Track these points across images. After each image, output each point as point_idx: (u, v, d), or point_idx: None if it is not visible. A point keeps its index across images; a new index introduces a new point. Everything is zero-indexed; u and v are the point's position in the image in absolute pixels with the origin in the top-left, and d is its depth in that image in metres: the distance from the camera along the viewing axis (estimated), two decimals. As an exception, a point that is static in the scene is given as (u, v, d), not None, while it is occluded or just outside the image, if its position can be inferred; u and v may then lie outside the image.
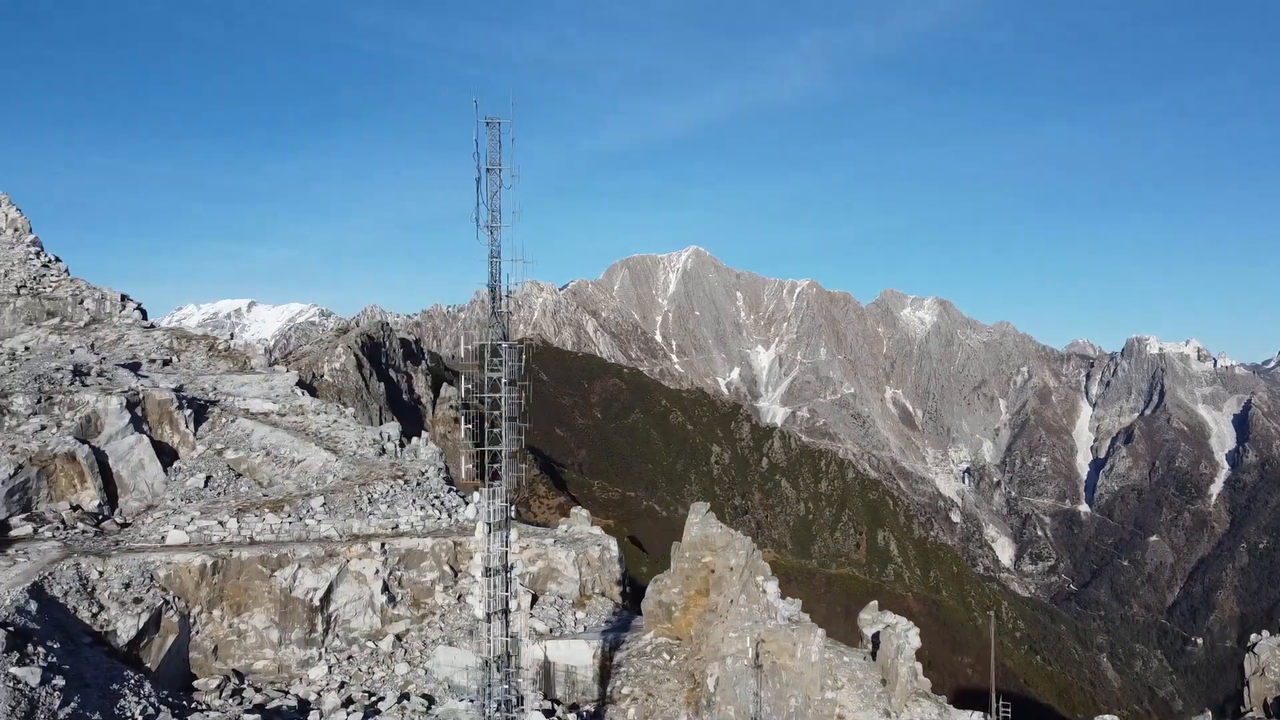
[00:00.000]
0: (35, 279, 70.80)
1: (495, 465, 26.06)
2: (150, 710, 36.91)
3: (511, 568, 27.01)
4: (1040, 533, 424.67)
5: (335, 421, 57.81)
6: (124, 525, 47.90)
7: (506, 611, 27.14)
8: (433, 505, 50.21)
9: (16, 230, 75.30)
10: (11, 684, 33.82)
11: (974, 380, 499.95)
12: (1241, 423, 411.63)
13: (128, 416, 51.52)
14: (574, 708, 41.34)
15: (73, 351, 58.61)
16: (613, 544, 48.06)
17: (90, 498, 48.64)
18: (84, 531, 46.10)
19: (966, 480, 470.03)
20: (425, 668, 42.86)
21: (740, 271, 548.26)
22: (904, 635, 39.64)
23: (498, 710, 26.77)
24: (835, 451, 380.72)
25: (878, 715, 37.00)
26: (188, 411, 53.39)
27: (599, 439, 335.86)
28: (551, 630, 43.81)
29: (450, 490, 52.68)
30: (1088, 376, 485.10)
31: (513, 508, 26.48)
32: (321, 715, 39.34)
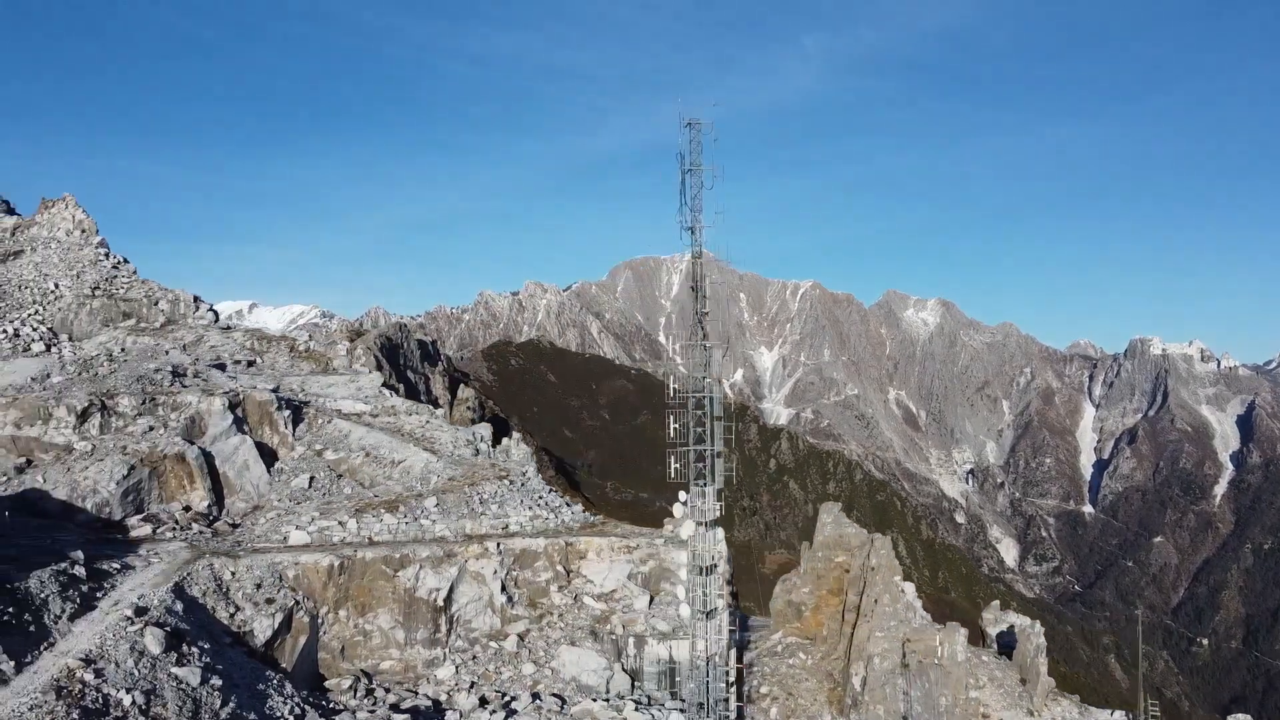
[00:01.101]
0: (107, 280, 70.80)
1: (700, 465, 26.34)
2: (298, 710, 37.11)
3: (714, 567, 27.29)
4: (1044, 534, 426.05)
5: (428, 423, 57.95)
6: (234, 526, 48.07)
7: (710, 611, 27.39)
8: (538, 505, 50.42)
9: (84, 231, 75.26)
10: (175, 684, 33.99)
11: (977, 381, 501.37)
12: (1245, 423, 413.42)
13: (230, 418, 51.65)
14: (702, 706, 41.51)
15: (167, 353, 58.64)
16: (722, 544, 48.19)
17: (200, 498, 48.79)
18: (200, 532, 46.25)
19: (970, 481, 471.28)
20: (551, 667, 43.06)
21: (744, 273, 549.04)
22: (1039, 634, 39.95)
23: (704, 708, 27.00)
24: (842, 452, 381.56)
25: (1021, 714, 37.27)
26: (286, 412, 53.52)
27: (608, 440, 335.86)
28: (676, 630, 43.98)
29: (550, 490, 52.90)
30: (1091, 377, 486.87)
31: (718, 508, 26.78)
32: (461, 716, 39.54)
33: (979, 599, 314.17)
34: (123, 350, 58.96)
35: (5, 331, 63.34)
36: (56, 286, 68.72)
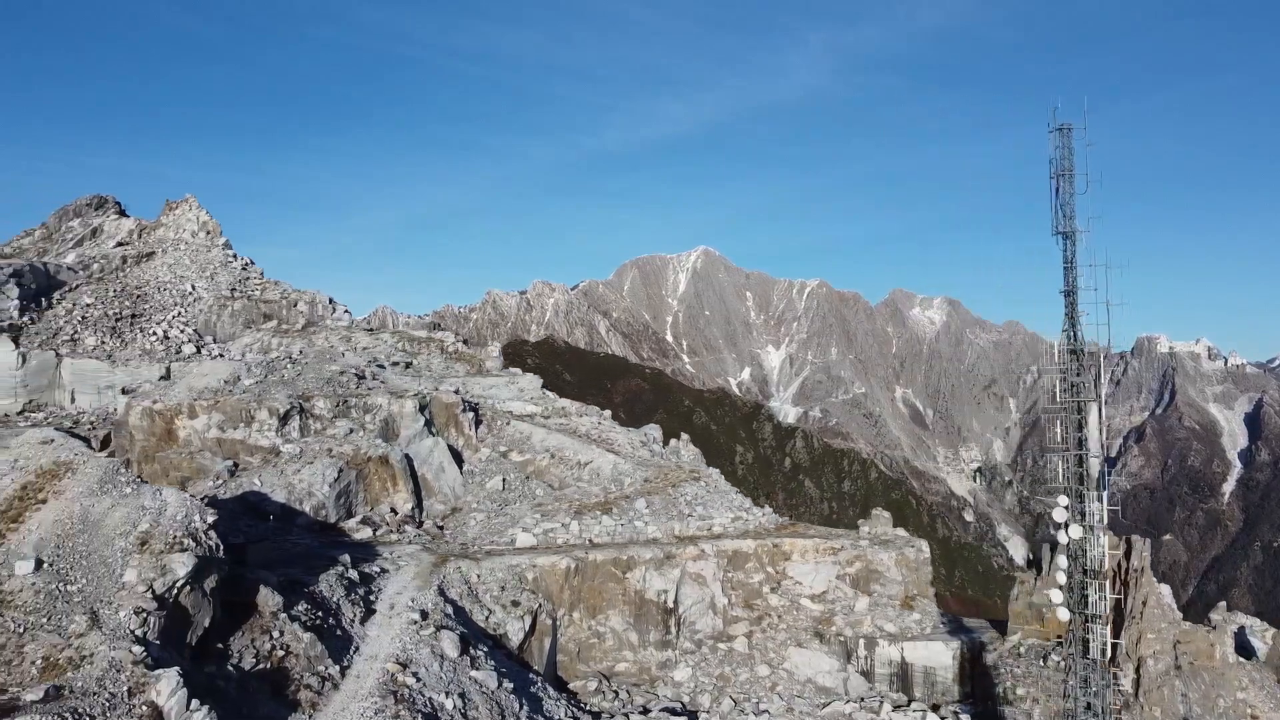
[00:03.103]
0: (240, 282, 70.64)
1: (1082, 469, 26.73)
2: (572, 713, 37.38)
3: (1100, 570, 27.62)
4: (1053, 531, 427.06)
5: (600, 424, 58.14)
6: (440, 528, 48.21)
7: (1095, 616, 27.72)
8: (733, 507, 50.74)
9: (209, 233, 75.03)
10: (476, 687, 34.25)
11: (984, 379, 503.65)
12: (1253, 421, 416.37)
13: (422, 420, 51.77)
14: (935, 708, 41.94)
15: (343, 355, 58.59)
16: (924, 545, 48.69)
17: (404, 500, 48.93)
18: (418, 534, 46.38)
19: (978, 479, 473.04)
20: (785, 669, 43.38)
21: (750, 271, 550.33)
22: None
23: (1095, 714, 27.36)
24: (857, 451, 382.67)
25: (1288, 714, 37.86)
26: (470, 414, 53.62)
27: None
28: (904, 632, 44.36)
29: (735, 491, 53.18)
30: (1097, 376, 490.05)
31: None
32: (720, 717, 39.81)
33: (996, 597, 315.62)
34: (301, 353, 58.87)
35: (155, 334, 63.21)
36: (193, 288, 68.56)
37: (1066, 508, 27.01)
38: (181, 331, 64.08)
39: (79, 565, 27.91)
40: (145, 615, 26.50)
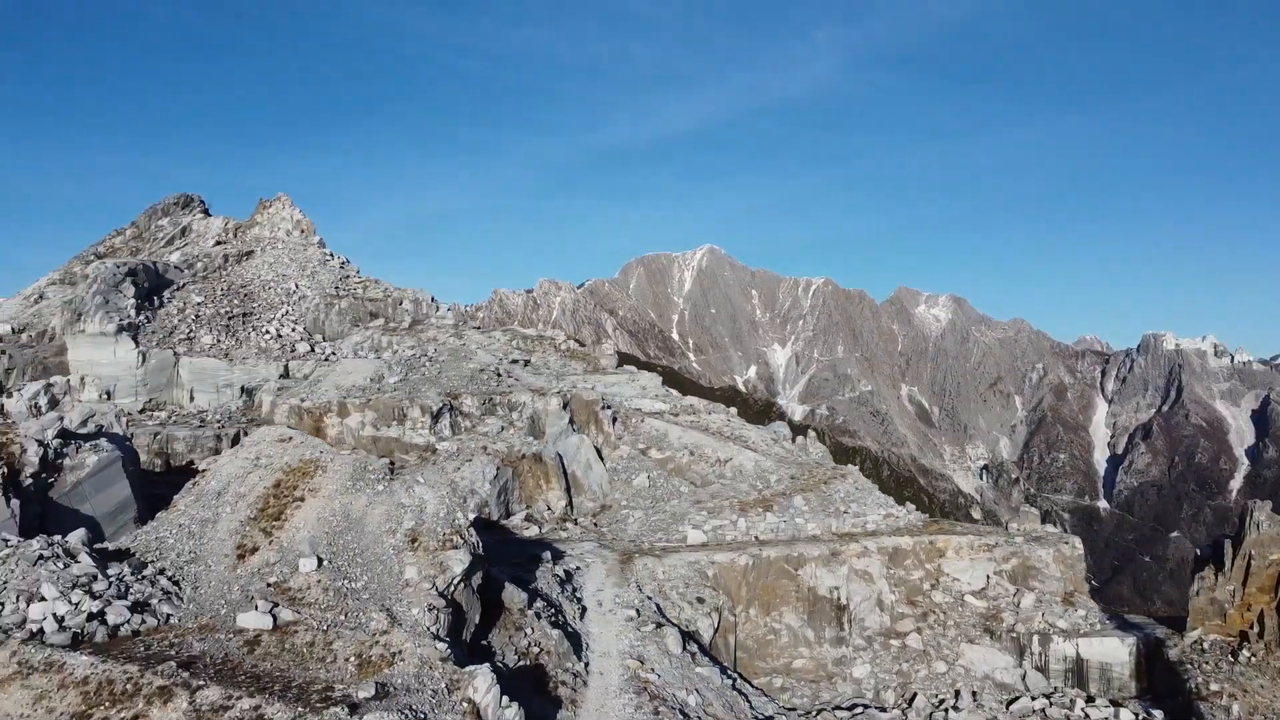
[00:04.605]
0: (341, 280, 70.45)
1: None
2: (775, 710, 37.42)
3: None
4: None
5: (729, 421, 58.15)
6: (595, 524, 48.20)
7: None
8: (883, 504, 50.87)
9: (303, 231, 74.79)
10: (705, 684, 34.26)
11: (989, 377, 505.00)
12: (1261, 418, 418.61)
13: (566, 417, 51.75)
14: (1115, 704, 42.09)
15: (475, 353, 58.46)
16: (1078, 542, 48.86)
17: (557, 498, 48.94)
18: (582, 532, 46.36)
19: (984, 477, 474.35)
20: (962, 666, 43.47)
21: (755, 269, 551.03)
22: None
23: None
24: (869, 449, 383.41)
25: None
26: (609, 411, 53.58)
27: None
28: (1075, 628, 44.50)
29: (876, 488, 53.29)
30: (1103, 373, 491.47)
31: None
32: (917, 715, 39.90)
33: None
34: (436, 351, 58.76)
35: (269, 332, 63.05)
36: (296, 287, 68.37)
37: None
38: (293, 330, 63.88)
39: (355, 562, 27.87)
40: (436, 612, 26.49)
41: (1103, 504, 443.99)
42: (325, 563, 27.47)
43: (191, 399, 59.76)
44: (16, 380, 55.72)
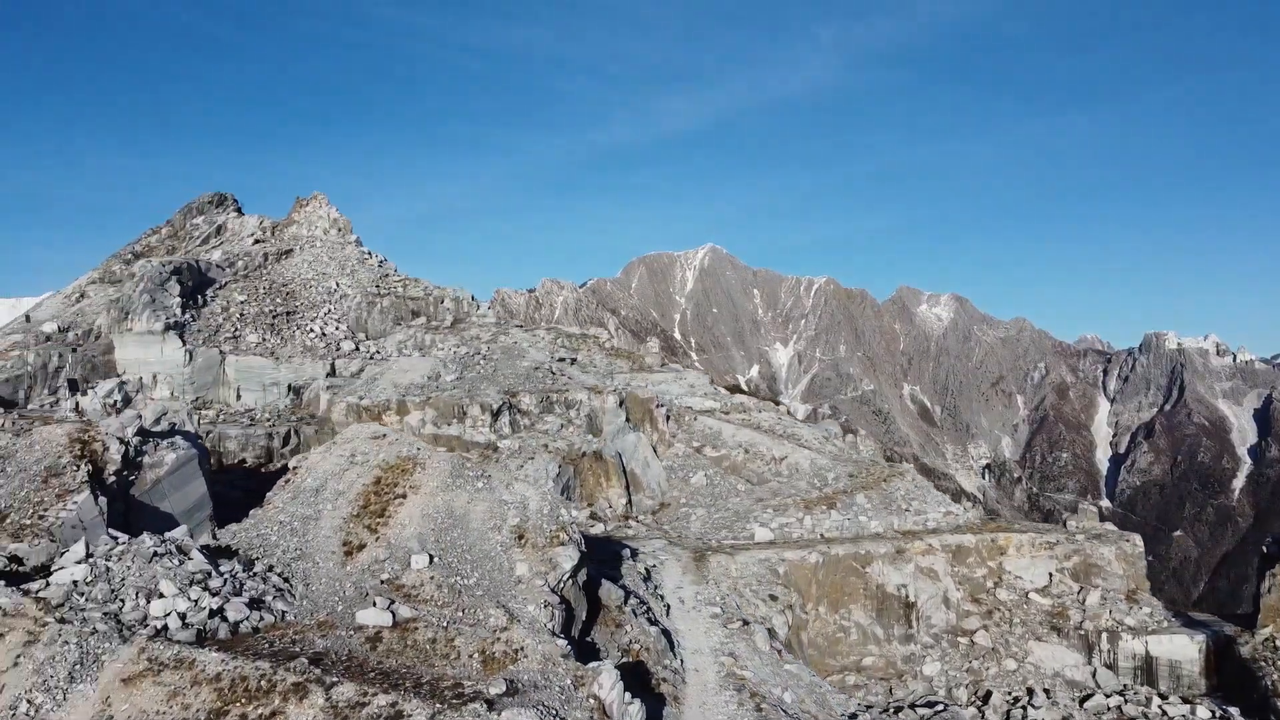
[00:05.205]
0: (381, 279, 70.31)
1: None
2: (865, 707, 37.38)
3: None
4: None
5: (781, 419, 58.13)
6: (657, 522, 48.11)
7: None
8: (942, 502, 50.87)
9: (340, 230, 74.63)
10: (794, 680, 34.20)
11: (991, 376, 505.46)
12: (1263, 417, 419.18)
13: (623, 415, 51.66)
14: (1186, 701, 42.12)
15: (527, 351, 58.35)
16: (1137, 539, 48.94)
17: (618, 495, 48.87)
18: (647, 530, 46.29)
19: (987, 476, 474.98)
20: (1031, 663, 43.47)
21: (757, 269, 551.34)
22: None
23: None
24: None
25: None
26: (663, 409, 53.52)
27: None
28: (1143, 626, 44.53)
29: (933, 486, 53.37)
30: (1105, 372, 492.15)
31: None
32: (993, 711, 39.87)
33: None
34: (489, 349, 58.63)
35: (313, 331, 62.92)
36: (337, 285, 68.20)
37: None
38: (336, 328, 63.74)
39: (464, 559, 27.80)
40: (551, 609, 26.43)
41: (1105, 503, 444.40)
42: (435, 559, 27.40)
43: (238, 397, 59.62)
44: (65, 378, 55.57)
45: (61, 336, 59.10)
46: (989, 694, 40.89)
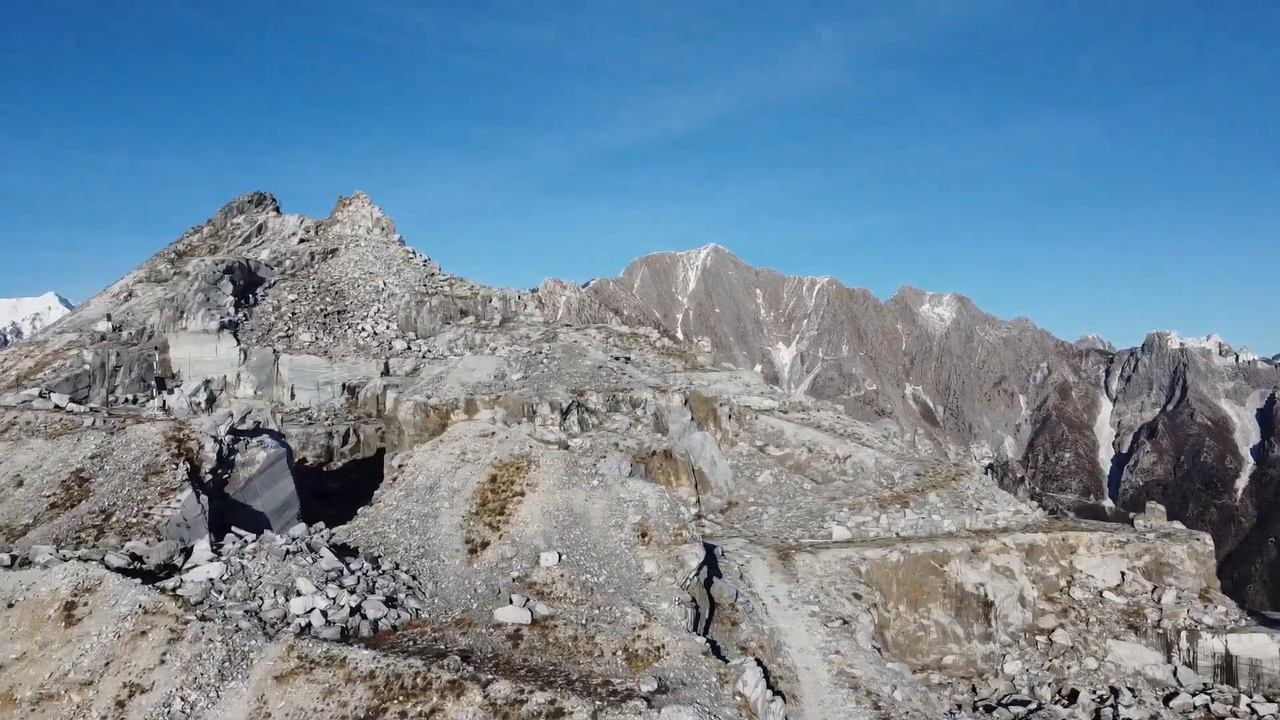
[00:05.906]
0: (427, 277, 70.19)
1: None
2: (963, 712, 37.35)
3: None
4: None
5: (839, 419, 58.09)
6: (730, 521, 48.02)
7: None
8: (1011, 501, 50.89)
9: (384, 229, 74.50)
10: (898, 679, 34.10)
11: (994, 376, 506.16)
12: (1265, 417, 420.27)
13: (689, 414, 51.60)
14: (1271, 700, 42.12)
15: (588, 350, 58.26)
16: (1208, 538, 48.97)
17: (687, 494, 48.76)
18: (724, 530, 46.20)
19: (990, 476, 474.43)
20: (1111, 662, 43.46)
21: (760, 269, 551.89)
22: None
23: None
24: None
25: None
26: (726, 409, 53.48)
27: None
28: (1221, 624, 44.54)
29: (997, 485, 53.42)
30: (1107, 372, 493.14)
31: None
32: (1083, 710, 39.86)
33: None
34: (550, 349, 58.56)
35: (365, 330, 62.81)
36: (385, 285, 68.08)
37: None
38: (387, 327, 63.60)
39: (590, 556, 27.73)
40: (684, 607, 26.36)
41: (1108, 503, 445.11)
42: (563, 557, 27.31)
43: (292, 396, 59.50)
44: (123, 377, 55.39)
45: (116, 335, 58.88)
46: (1074, 693, 40.85)
